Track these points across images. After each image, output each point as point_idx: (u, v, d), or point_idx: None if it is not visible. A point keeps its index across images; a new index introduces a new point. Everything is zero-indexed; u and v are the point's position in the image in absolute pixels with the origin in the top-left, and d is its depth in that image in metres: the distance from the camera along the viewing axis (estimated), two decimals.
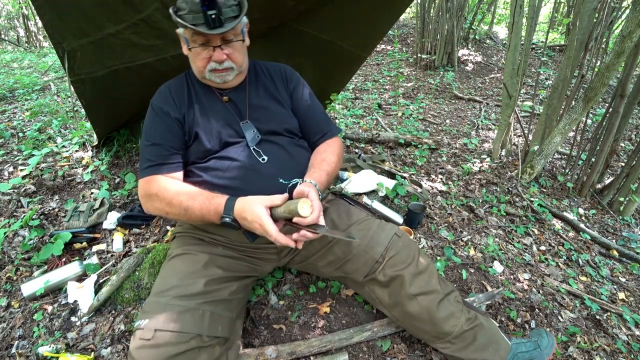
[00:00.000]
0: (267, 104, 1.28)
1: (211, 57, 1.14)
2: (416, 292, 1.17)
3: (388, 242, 1.22)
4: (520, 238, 2.14)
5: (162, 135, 1.18)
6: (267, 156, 1.20)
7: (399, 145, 3.05)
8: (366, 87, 5.10)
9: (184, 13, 1.06)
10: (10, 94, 3.71)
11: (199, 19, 1.05)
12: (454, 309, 1.19)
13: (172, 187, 1.13)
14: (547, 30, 3.47)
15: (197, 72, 1.21)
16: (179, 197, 1.09)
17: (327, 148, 1.32)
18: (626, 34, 2.09)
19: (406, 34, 7.28)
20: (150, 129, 1.20)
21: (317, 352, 1.30)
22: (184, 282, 1.06)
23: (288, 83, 1.35)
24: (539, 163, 2.69)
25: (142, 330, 0.96)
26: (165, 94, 1.23)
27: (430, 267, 1.23)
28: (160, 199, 1.11)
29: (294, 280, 1.59)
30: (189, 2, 1.05)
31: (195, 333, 0.97)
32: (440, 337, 1.19)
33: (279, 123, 1.27)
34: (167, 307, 0.99)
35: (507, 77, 2.74)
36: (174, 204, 1.09)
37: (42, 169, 2.20)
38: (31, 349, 1.28)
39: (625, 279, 2.01)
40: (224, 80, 1.21)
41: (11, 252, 1.64)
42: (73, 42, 1.47)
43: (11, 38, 8.03)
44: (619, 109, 2.42)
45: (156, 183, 1.14)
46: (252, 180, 1.17)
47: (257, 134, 1.23)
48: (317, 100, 1.40)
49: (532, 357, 1.22)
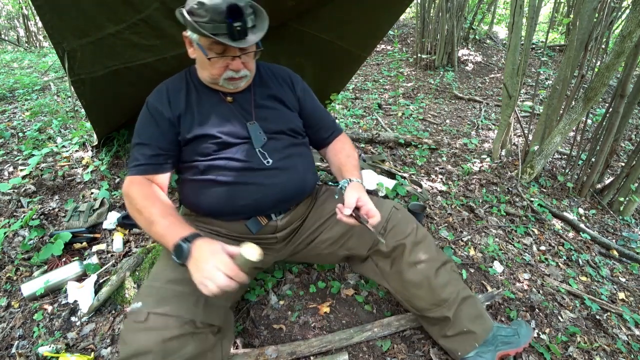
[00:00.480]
0: (272, 105, 1.28)
1: (228, 66, 1.12)
2: (416, 260, 1.22)
3: (388, 214, 1.28)
4: (520, 238, 2.14)
5: (153, 135, 1.16)
6: (272, 159, 1.20)
7: (399, 145, 3.05)
8: (366, 87, 5.10)
9: (203, 21, 1.01)
10: (10, 94, 3.71)
11: (221, 29, 1.01)
12: (451, 278, 1.26)
13: (148, 196, 1.09)
14: (547, 30, 3.47)
15: (208, 78, 1.18)
16: (150, 209, 1.06)
17: (343, 145, 1.40)
18: (626, 34, 2.09)
19: (406, 34, 7.28)
20: (141, 128, 1.18)
21: (317, 352, 1.30)
22: (180, 268, 1.01)
23: (295, 87, 1.34)
24: (539, 163, 2.69)
25: (135, 313, 0.94)
26: (162, 93, 1.21)
27: (428, 237, 1.30)
28: (133, 203, 1.09)
29: (294, 280, 1.59)
30: (210, 11, 1.00)
31: (189, 318, 0.95)
32: (437, 304, 1.23)
33: (285, 123, 1.28)
34: (161, 291, 0.99)
35: (507, 77, 2.74)
36: (143, 213, 1.06)
37: (42, 169, 2.20)
38: (31, 349, 1.28)
39: (625, 279, 2.01)
40: (237, 87, 1.20)
41: (11, 252, 1.64)
42: (73, 42, 1.47)
43: (11, 38, 8.03)
44: (619, 109, 2.42)
45: (137, 186, 1.12)
46: (256, 182, 1.17)
47: (263, 136, 1.22)
48: (318, 102, 1.43)
49: (510, 341, 1.27)
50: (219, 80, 1.16)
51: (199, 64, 1.18)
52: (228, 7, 1.00)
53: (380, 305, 1.53)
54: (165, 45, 1.68)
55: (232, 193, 1.17)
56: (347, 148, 1.39)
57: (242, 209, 1.20)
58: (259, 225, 1.23)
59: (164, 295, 0.98)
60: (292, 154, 1.25)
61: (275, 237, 1.28)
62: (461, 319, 1.23)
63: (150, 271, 1.48)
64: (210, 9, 1.00)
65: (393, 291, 1.31)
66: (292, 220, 1.29)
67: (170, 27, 1.56)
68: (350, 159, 1.33)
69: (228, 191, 1.16)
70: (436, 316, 1.25)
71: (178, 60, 1.77)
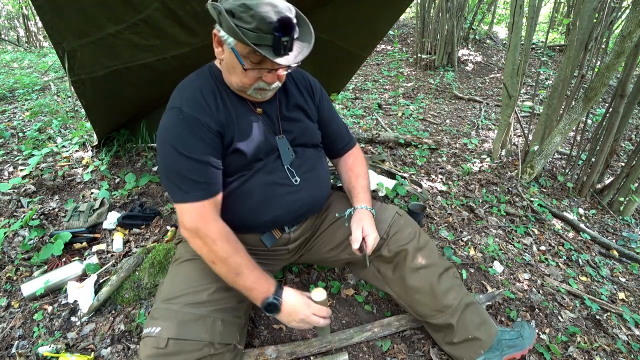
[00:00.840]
0: (296, 116, 1.21)
1: (261, 77, 1.02)
2: (418, 265, 1.22)
3: (391, 219, 1.28)
4: (520, 238, 2.14)
5: (206, 151, 1.02)
6: (300, 177, 1.17)
7: (399, 145, 3.05)
8: (366, 87, 5.10)
9: (247, 27, 0.90)
10: (10, 94, 3.71)
11: (266, 41, 0.91)
12: (453, 284, 1.26)
13: (230, 240, 1.01)
14: (547, 30, 3.47)
15: (236, 85, 1.07)
16: (235, 258, 1.00)
17: (355, 161, 1.37)
18: (626, 34, 2.09)
19: (406, 34, 7.28)
20: (187, 144, 1.00)
21: (317, 352, 1.30)
22: (194, 288, 1.05)
23: (314, 94, 1.28)
24: (539, 163, 2.69)
25: (154, 338, 0.96)
26: (199, 100, 1.05)
27: (430, 243, 1.30)
28: (214, 249, 0.99)
29: (294, 280, 1.59)
30: (257, 19, 0.89)
31: (208, 340, 0.98)
32: (440, 310, 1.22)
33: (310, 137, 1.24)
34: (179, 315, 0.99)
35: (507, 77, 2.74)
36: (228, 262, 0.99)
37: (42, 169, 2.20)
38: (31, 349, 1.28)
39: (625, 279, 2.01)
40: (265, 97, 1.12)
41: (11, 252, 1.64)
42: (73, 42, 1.47)
43: (11, 38, 8.03)
44: (619, 109, 2.42)
45: (214, 225, 1.01)
46: (282, 199, 1.15)
47: (291, 151, 1.17)
48: (334, 109, 1.39)
49: (515, 344, 1.27)
50: (248, 89, 1.06)
51: (228, 68, 1.05)
52: (279, 20, 0.90)
53: (380, 305, 1.53)
54: (165, 45, 1.68)
55: (256, 208, 1.13)
56: (359, 165, 1.35)
57: (263, 224, 1.17)
58: (273, 239, 1.22)
59: (183, 319, 0.99)
60: (314, 168, 1.23)
61: (286, 248, 1.28)
62: (465, 326, 1.23)
63: (149, 271, 1.49)
64: (257, 16, 0.89)
65: (395, 297, 1.31)
66: (304, 231, 1.29)
67: (170, 27, 1.56)
68: (360, 179, 1.31)
69: (252, 206, 1.13)
70: (439, 323, 1.25)
71: (178, 60, 1.78)
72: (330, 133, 1.33)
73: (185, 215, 1.01)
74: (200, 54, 1.75)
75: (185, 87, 1.09)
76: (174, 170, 1.01)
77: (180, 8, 1.47)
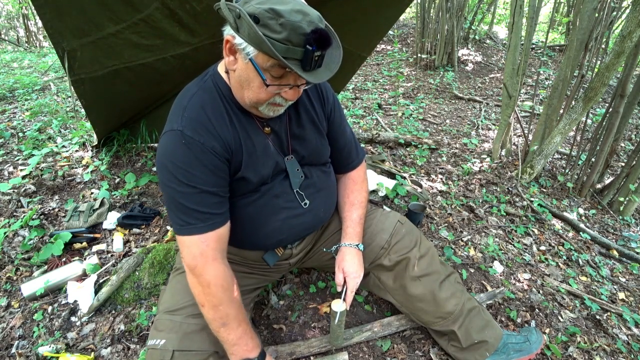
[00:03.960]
0: (306, 134, 1.10)
1: (280, 93, 0.90)
2: (420, 273, 1.21)
3: (392, 228, 1.26)
4: (520, 238, 2.14)
5: (210, 179, 0.93)
6: (309, 199, 1.12)
7: (399, 145, 3.05)
8: (366, 87, 5.10)
9: (275, 37, 0.76)
10: (10, 94, 3.71)
11: (295, 54, 0.78)
12: (455, 290, 1.25)
13: (226, 288, 0.94)
14: (547, 30, 3.47)
15: (249, 101, 0.92)
16: (226, 308, 0.93)
17: (354, 186, 1.27)
18: (626, 34, 2.09)
19: (406, 34, 7.28)
20: (189, 173, 0.90)
21: (317, 352, 1.30)
22: None
23: (326, 103, 1.15)
24: (539, 163, 2.69)
25: (159, 351, 0.96)
26: (204, 122, 0.92)
27: (431, 250, 1.29)
28: (207, 292, 0.92)
29: (294, 280, 1.59)
30: (289, 28, 0.76)
31: (212, 350, 0.98)
32: (443, 317, 1.22)
33: (319, 157, 1.16)
34: (183, 327, 1.00)
35: (507, 77, 2.73)
36: (219, 310, 0.93)
37: (42, 169, 2.20)
38: (31, 349, 1.28)
39: (625, 279, 2.01)
40: (277, 114, 0.99)
41: (11, 252, 1.64)
42: (73, 42, 1.47)
43: (11, 38, 8.03)
44: (619, 109, 2.42)
45: (213, 266, 0.93)
46: (289, 222, 1.11)
47: (300, 173, 1.11)
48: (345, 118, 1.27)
49: (522, 348, 1.26)
50: (261, 105, 0.92)
51: (241, 82, 0.90)
52: (314, 32, 0.77)
53: (380, 305, 1.53)
54: (165, 45, 1.67)
55: (260, 232, 1.10)
56: (357, 190, 1.27)
57: (265, 245, 1.15)
58: (276, 257, 1.20)
59: (187, 330, 0.99)
60: (323, 187, 1.18)
61: (288, 263, 1.27)
62: (469, 331, 1.22)
63: (149, 271, 1.49)
64: (289, 26, 0.76)
65: (398, 305, 1.31)
66: (306, 245, 1.28)
67: (170, 26, 1.55)
68: (354, 210, 1.23)
69: (256, 230, 1.09)
70: (442, 330, 1.24)
71: (178, 60, 1.77)
72: (337, 149, 1.23)
73: (184, 249, 0.94)
74: (200, 54, 1.75)
75: (187, 103, 0.95)
76: (175, 200, 0.92)
77: (180, 8, 1.46)
